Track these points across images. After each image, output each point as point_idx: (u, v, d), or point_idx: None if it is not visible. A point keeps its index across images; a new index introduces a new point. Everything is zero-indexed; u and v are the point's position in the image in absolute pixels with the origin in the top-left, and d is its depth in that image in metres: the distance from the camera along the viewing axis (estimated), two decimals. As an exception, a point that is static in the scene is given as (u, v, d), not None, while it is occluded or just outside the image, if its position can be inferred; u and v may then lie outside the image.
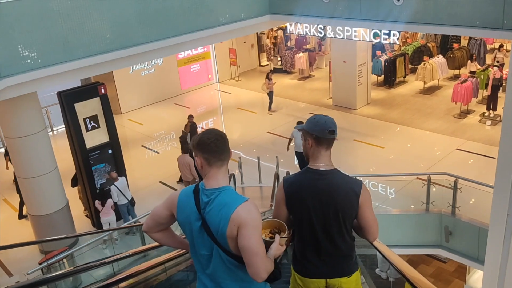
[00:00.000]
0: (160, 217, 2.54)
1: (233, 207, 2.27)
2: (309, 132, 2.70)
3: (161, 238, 2.63)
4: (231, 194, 2.35)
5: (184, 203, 2.41)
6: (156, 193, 12.14)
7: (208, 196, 2.34)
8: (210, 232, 2.32)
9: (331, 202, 2.64)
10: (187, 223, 2.41)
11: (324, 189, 2.65)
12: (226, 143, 2.40)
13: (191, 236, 2.44)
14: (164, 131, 16.28)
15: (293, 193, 2.70)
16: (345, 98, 16.24)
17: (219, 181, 2.36)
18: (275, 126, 15.55)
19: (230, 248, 2.32)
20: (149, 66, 18.10)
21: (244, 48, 21.03)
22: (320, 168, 2.68)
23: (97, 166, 10.02)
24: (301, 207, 2.69)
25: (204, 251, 2.39)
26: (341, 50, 15.82)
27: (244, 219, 2.24)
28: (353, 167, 12.39)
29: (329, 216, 2.66)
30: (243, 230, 2.24)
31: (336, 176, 2.69)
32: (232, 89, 19.76)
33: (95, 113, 9.70)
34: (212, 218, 2.31)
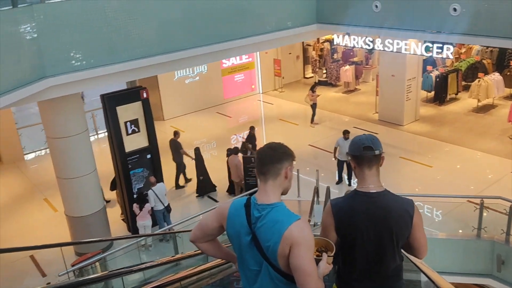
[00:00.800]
0: (208, 228, 2.52)
1: (286, 225, 2.22)
2: (348, 152, 2.69)
3: (208, 249, 2.61)
4: (284, 211, 2.30)
5: (234, 216, 2.38)
6: (191, 202, 12.00)
7: (260, 212, 2.30)
8: (260, 248, 2.29)
9: (386, 225, 2.54)
10: (237, 236, 2.39)
11: (377, 212, 2.55)
12: (282, 155, 2.36)
13: (239, 250, 2.42)
14: (205, 139, 16.20)
15: (344, 219, 2.60)
16: (392, 113, 15.62)
17: (269, 197, 2.33)
18: (317, 139, 15.13)
19: (279, 265, 2.27)
20: (194, 74, 18.17)
21: (289, 60, 20.80)
22: (370, 190, 2.58)
23: (135, 170, 9.98)
24: (352, 232, 2.59)
25: (253, 266, 2.37)
26: (389, 64, 15.26)
27: (297, 238, 2.20)
28: (397, 185, 11.77)
29: (383, 239, 2.56)
30: (296, 249, 2.20)
31: (388, 197, 2.59)
32: (275, 100, 19.53)
33: (136, 117, 9.70)
34: (263, 234, 2.28)
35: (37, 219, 11.25)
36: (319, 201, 10.39)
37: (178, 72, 17.70)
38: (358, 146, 2.59)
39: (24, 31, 7.08)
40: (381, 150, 2.62)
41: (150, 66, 8.69)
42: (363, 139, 2.61)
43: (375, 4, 9.92)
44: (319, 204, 10.24)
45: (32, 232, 10.68)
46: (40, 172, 13.80)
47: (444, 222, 10.36)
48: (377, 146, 2.59)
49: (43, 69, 7.43)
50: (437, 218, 10.62)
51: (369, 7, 10.11)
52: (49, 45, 7.40)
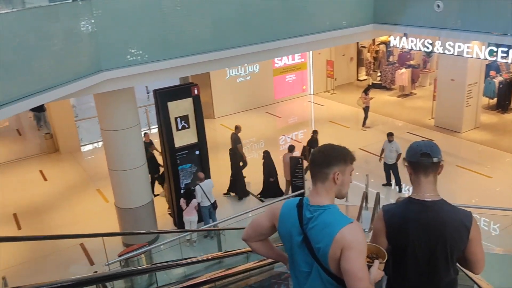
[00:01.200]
0: (261, 227, 2.53)
1: (338, 228, 2.19)
2: (405, 158, 2.58)
3: (259, 248, 2.61)
4: (336, 214, 2.28)
5: (286, 216, 2.38)
6: (237, 200, 11.97)
7: (312, 213, 2.29)
8: (311, 249, 2.28)
9: (439, 236, 2.44)
10: (288, 236, 2.38)
11: (431, 222, 2.45)
12: (332, 159, 2.31)
13: (290, 251, 2.41)
14: (253, 138, 16.17)
15: (395, 226, 2.53)
16: (450, 119, 14.89)
17: (322, 199, 2.31)
18: (368, 142, 14.68)
19: (330, 268, 2.24)
20: (245, 73, 18.21)
21: (342, 61, 20.39)
22: (425, 198, 2.48)
23: (184, 166, 10.08)
24: (404, 240, 2.51)
25: (304, 267, 2.35)
26: (449, 67, 14.56)
27: (349, 242, 2.16)
28: (453, 195, 11.17)
29: (436, 250, 2.46)
30: (348, 252, 2.15)
31: (444, 207, 2.47)
32: (326, 102, 19.20)
33: (186, 113, 9.79)
34: (314, 236, 2.26)
35: (89, 209, 11.63)
36: (367, 207, 10.05)
37: (230, 71, 17.80)
38: (416, 152, 2.50)
39: (83, 25, 7.31)
40: (439, 158, 2.50)
41: (202, 62, 8.74)
42: (421, 145, 2.51)
43: (437, 3, 9.46)
44: (367, 210, 9.90)
45: (84, 221, 11.05)
46: (95, 163, 14.30)
47: (502, 237, 9.72)
48: (436, 154, 2.49)
49: (100, 63, 7.64)
50: (494, 232, 9.98)
51: (430, 7, 9.66)
52: (106, 40, 7.61)
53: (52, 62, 6.82)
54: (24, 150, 15.76)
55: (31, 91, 6.41)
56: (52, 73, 6.80)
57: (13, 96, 6.08)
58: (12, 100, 6.05)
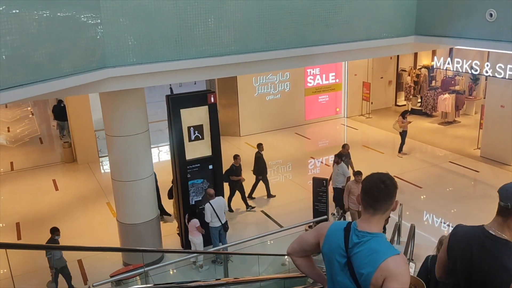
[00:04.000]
0: (306, 244, 2.57)
1: (384, 257, 2.19)
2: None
3: (301, 264, 2.67)
4: (384, 243, 2.28)
5: (333, 236, 2.39)
6: (253, 222, 10.93)
7: (359, 238, 2.29)
8: (354, 274, 2.27)
9: (479, 266, 2.48)
10: (330, 257, 2.38)
11: (477, 248, 2.49)
12: (386, 193, 2.29)
13: (331, 272, 2.42)
14: (280, 160, 15.16)
15: (454, 240, 2.64)
16: (498, 150, 13.39)
17: (371, 226, 2.31)
18: (404, 170, 13.38)
19: None
20: (276, 91, 17.33)
21: (380, 84, 19.23)
22: (490, 230, 2.51)
23: (195, 181, 9.15)
24: (451, 255, 2.63)
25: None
26: (499, 92, 13.16)
27: (393, 272, 2.16)
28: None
29: (472, 278, 2.51)
30: (390, 283, 2.15)
31: (501, 246, 2.45)
32: (360, 126, 18.00)
33: (201, 122, 8.91)
34: (358, 261, 2.26)
35: (94, 223, 10.87)
36: (400, 241, 8.77)
37: (260, 88, 16.99)
38: (506, 196, 2.48)
39: (87, 17, 6.61)
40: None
41: (220, 66, 7.88)
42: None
43: (490, 12, 8.30)
44: (399, 244, 8.61)
45: (86, 235, 10.27)
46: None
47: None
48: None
49: (104, 59, 6.89)
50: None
51: (481, 17, 8.49)
52: (112, 34, 6.86)
53: (50, 51, 6.12)
54: (41, 158, 15.34)
55: (23, 81, 5.69)
56: (48, 63, 6.08)
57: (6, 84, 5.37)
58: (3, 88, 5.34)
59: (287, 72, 17.26)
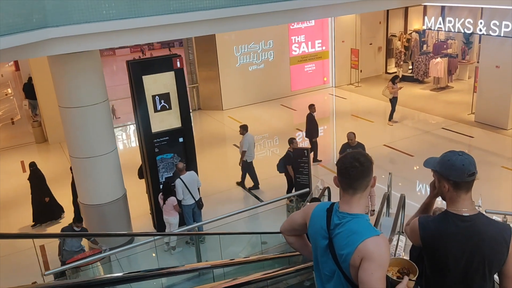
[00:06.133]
0: (295, 223, 2.57)
1: (363, 238, 2.15)
2: (445, 177, 2.39)
3: (293, 243, 2.68)
4: (364, 224, 2.23)
5: (316, 217, 2.38)
6: (232, 198, 10.19)
7: (340, 219, 2.27)
8: (335, 255, 2.25)
9: (477, 250, 2.35)
10: (315, 237, 2.38)
11: (469, 236, 2.35)
12: (362, 171, 2.24)
13: (315, 252, 2.42)
14: (267, 134, 14.36)
15: (430, 239, 2.44)
16: (493, 114, 12.64)
17: (352, 207, 2.27)
18: (394, 139, 12.63)
19: (351, 276, 2.20)
20: (259, 60, 16.39)
21: (369, 51, 18.32)
22: (462, 213, 2.38)
23: (164, 155, 8.34)
24: (440, 255, 2.43)
25: (326, 271, 2.33)
26: (494, 52, 12.32)
27: (370, 253, 2.11)
28: (497, 201, 9.06)
29: (473, 265, 2.37)
30: (367, 263, 2.10)
31: (483, 221, 2.39)
32: (349, 95, 17.17)
33: (167, 90, 8.04)
34: (339, 242, 2.23)
35: (64, 205, 10.06)
36: (389, 213, 8.07)
37: (242, 57, 16.05)
38: (463, 172, 2.34)
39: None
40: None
41: (182, 24, 7.00)
42: (467, 165, 2.34)
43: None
44: (389, 217, 7.91)
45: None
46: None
47: None
48: (476, 169, 2.37)
49: (45, 17, 6.00)
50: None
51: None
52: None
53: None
54: (12, 139, 14.44)
55: None
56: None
57: None
58: None
59: (270, 40, 16.31)
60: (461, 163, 2.34)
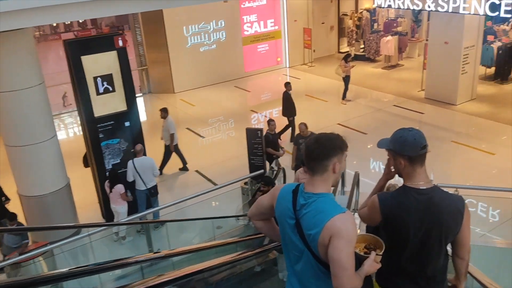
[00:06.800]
0: (262, 207, 2.56)
1: (329, 216, 2.17)
2: (400, 153, 2.49)
3: (262, 227, 2.67)
4: (330, 202, 2.26)
5: (283, 199, 2.39)
6: (189, 183, 9.86)
7: (306, 199, 2.28)
8: (303, 235, 2.27)
9: (435, 222, 2.46)
10: (282, 219, 2.40)
11: (427, 208, 2.45)
12: (319, 153, 2.24)
13: (283, 233, 2.42)
14: (221, 117, 14.03)
15: (393, 215, 2.50)
16: (443, 90, 12.88)
17: (315, 187, 2.28)
18: (348, 117, 12.65)
19: (320, 254, 2.23)
20: (210, 41, 15.93)
21: (321, 30, 18.24)
22: (420, 187, 2.48)
23: (109, 141, 7.87)
24: (401, 229, 2.49)
25: (295, 251, 2.35)
26: (442, 28, 12.48)
27: (338, 230, 2.14)
28: (448, 175, 9.24)
29: (431, 235, 2.49)
30: (336, 241, 2.14)
31: (438, 193, 2.49)
32: (303, 75, 17.07)
33: (109, 71, 7.54)
34: (306, 222, 2.25)
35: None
36: (344, 191, 8.01)
37: (192, 38, 15.52)
38: (416, 146, 2.45)
39: None
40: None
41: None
42: (418, 138, 2.46)
43: None
44: (344, 195, 7.86)
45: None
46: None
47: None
48: (426, 141, 2.48)
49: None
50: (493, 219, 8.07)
51: None
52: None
53: None
54: None
55: None
56: None
57: None
58: None
59: (222, 20, 15.86)
60: (413, 137, 2.45)
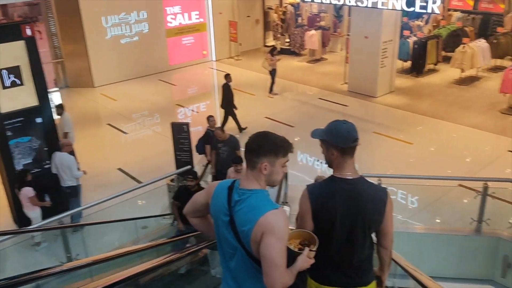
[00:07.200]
0: (197, 204, 2.54)
1: (262, 212, 2.17)
2: (333, 144, 2.57)
3: (198, 224, 2.64)
4: (263, 198, 2.25)
5: (218, 195, 2.36)
6: (111, 182, 9.33)
7: (240, 196, 2.28)
8: (236, 232, 2.26)
9: (360, 210, 2.56)
10: (216, 216, 2.38)
11: (353, 197, 2.55)
12: (261, 149, 2.25)
13: (217, 230, 2.41)
14: (146, 112, 13.49)
15: (322, 203, 2.57)
16: (364, 83, 13.33)
17: (250, 183, 2.29)
18: (275, 110, 12.71)
19: (253, 251, 2.23)
20: (132, 32, 15.25)
21: (247, 24, 18.18)
22: (347, 177, 2.58)
23: (19, 139, 7.18)
24: (330, 217, 2.56)
25: (229, 248, 2.33)
26: (362, 23, 12.88)
27: (270, 227, 2.14)
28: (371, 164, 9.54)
29: (356, 225, 2.57)
30: (267, 238, 2.14)
31: (364, 184, 2.60)
32: (230, 69, 16.82)
33: (16, 63, 6.85)
34: (240, 219, 2.25)
35: None
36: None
37: (112, 29, 14.78)
38: (347, 139, 2.54)
39: None
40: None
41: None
42: (352, 131, 2.55)
43: None
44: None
45: None
46: None
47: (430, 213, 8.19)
48: (358, 134, 2.58)
49: None
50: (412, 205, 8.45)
51: None
52: None
53: None
54: None
55: None
56: None
57: None
58: None
59: (143, 11, 15.24)
60: (347, 130, 2.53)
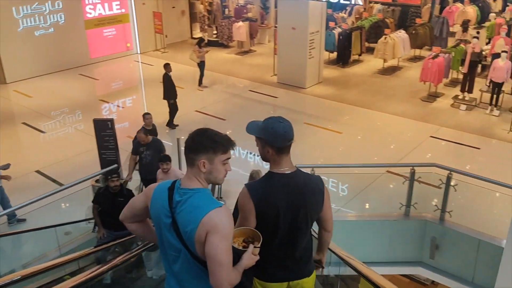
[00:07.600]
0: (135, 209, 2.43)
1: (205, 211, 2.12)
2: (269, 143, 2.55)
3: (136, 230, 2.52)
4: (205, 197, 2.20)
5: (158, 198, 2.28)
6: (28, 186, 8.58)
7: (181, 196, 2.20)
8: (179, 233, 2.20)
9: (301, 203, 2.59)
10: (157, 218, 2.29)
11: (294, 191, 2.58)
12: (199, 146, 2.19)
13: (159, 233, 2.33)
14: (66, 108, 12.61)
15: (261, 200, 2.54)
16: (293, 74, 13.39)
17: (192, 182, 2.22)
18: (205, 104, 12.43)
19: (197, 252, 2.17)
20: (46, 24, 14.17)
21: (172, 15, 17.61)
22: (285, 172, 2.60)
23: None
24: (270, 212, 2.55)
25: (172, 251, 2.26)
26: (289, 15, 12.91)
27: (214, 225, 2.10)
28: (303, 154, 9.58)
29: (298, 217, 2.60)
30: (212, 237, 2.10)
31: (301, 176, 2.65)
32: (157, 62, 16.23)
33: None
34: (182, 219, 2.19)
35: None
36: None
37: (23, 20, 13.61)
38: (285, 139, 2.52)
39: None
40: None
41: None
42: (288, 131, 2.53)
43: None
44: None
45: None
46: None
47: (361, 199, 8.39)
48: (293, 132, 2.57)
49: None
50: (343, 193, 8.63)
51: None
52: None
53: None
54: None
55: None
56: None
57: None
58: None
59: (59, 1, 14.19)
60: (283, 130, 2.50)
